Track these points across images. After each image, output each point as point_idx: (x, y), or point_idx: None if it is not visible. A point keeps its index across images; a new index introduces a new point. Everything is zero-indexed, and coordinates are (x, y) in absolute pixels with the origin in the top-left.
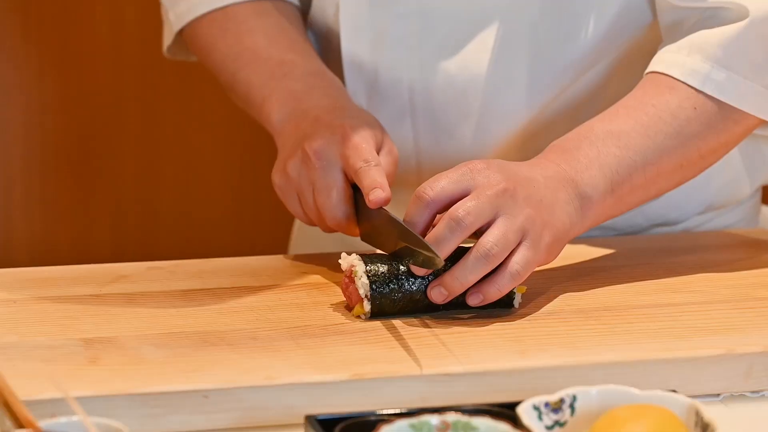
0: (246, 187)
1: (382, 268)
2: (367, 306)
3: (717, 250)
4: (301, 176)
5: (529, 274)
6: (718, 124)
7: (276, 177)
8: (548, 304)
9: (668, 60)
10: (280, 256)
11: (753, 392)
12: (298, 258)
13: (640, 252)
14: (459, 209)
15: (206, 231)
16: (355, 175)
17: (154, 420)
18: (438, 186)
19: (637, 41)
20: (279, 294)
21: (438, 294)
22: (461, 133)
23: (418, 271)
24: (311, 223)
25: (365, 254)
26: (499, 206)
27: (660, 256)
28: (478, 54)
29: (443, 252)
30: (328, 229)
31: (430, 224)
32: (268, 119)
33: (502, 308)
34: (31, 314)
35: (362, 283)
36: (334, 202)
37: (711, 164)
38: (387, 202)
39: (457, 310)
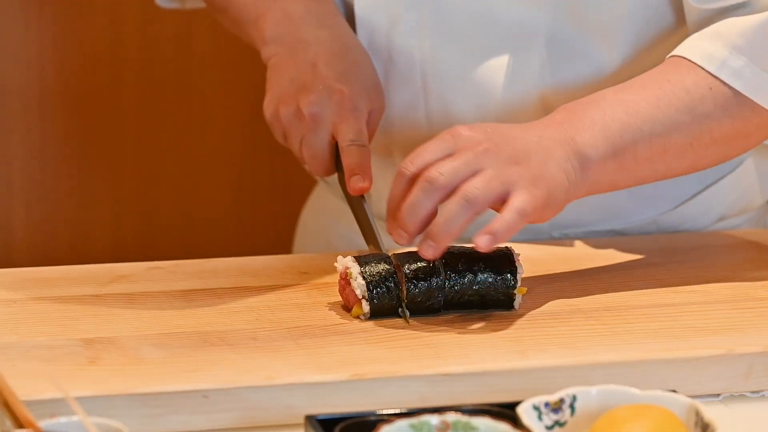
0: (246, 187)
1: (377, 268)
2: (366, 307)
3: (717, 250)
4: (291, 125)
5: (532, 217)
6: (733, 109)
7: (267, 112)
8: (548, 304)
9: (690, 45)
10: (280, 256)
11: (753, 392)
12: (298, 258)
13: (640, 252)
14: (432, 169)
15: (206, 231)
16: (341, 150)
17: (154, 420)
18: (419, 159)
19: (659, 57)
20: (279, 294)
21: (427, 248)
22: (473, 120)
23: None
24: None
25: (360, 255)
26: (480, 164)
27: (660, 256)
28: (489, 46)
29: (418, 216)
30: (308, 168)
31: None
32: (261, 36)
33: (503, 309)
34: (31, 314)
35: (358, 284)
36: (318, 160)
37: (724, 156)
38: (366, 191)
39: (457, 310)
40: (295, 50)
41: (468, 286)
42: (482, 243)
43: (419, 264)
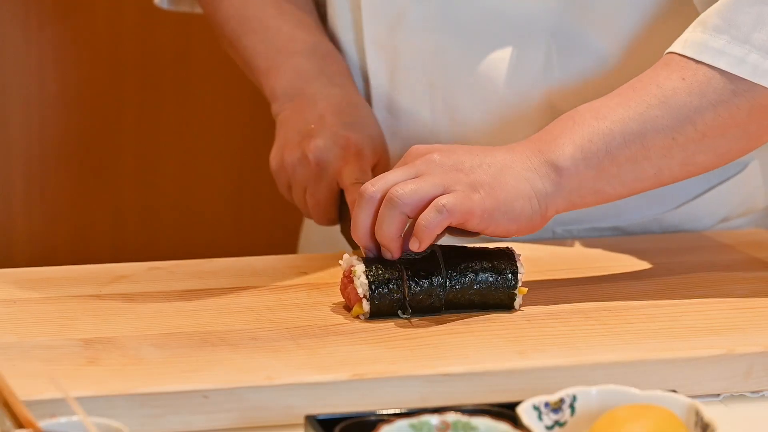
0: (246, 187)
1: (382, 269)
2: (366, 306)
3: (717, 250)
4: (296, 172)
5: (458, 216)
6: (712, 95)
7: (273, 160)
8: (548, 304)
9: (680, 39)
10: (280, 256)
11: (753, 392)
12: (298, 258)
13: (640, 252)
14: (367, 184)
15: (206, 231)
16: (345, 190)
17: (154, 420)
18: (380, 183)
19: (661, 47)
20: (279, 294)
21: (413, 243)
22: (477, 117)
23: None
24: (294, 205)
25: (365, 256)
26: (417, 171)
27: (660, 256)
28: (495, 40)
29: (391, 233)
30: (309, 217)
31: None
32: (272, 90)
33: (503, 309)
34: (31, 314)
35: (361, 283)
36: (322, 208)
37: (725, 152)
38: None
39: (457, 309)
40: (303, 106)
41: (469, 286)
42: (412, 247)
43: (421, 264)
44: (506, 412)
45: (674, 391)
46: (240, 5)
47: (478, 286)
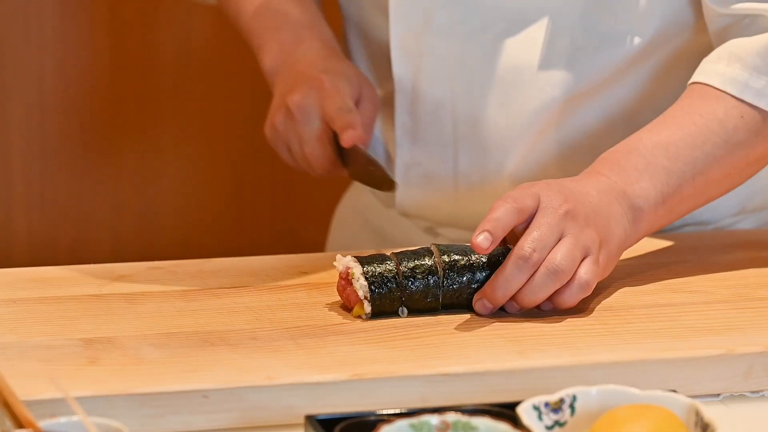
0: (246, 187)
1: (379, 269)
2: (367, 307)
3: (717, 250)
4: (287, 129)
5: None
6: (765, 131)
7: (267, 130)
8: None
9: (709, 70)
10: (280, 256)
11: (753, 392)
12: (298, 258)
13: (640, 252)
14: (524, 248)
15: (206, 231)
16: (332, 121)
17: (154, 420)
18: (520, 197)
19: (681, 47)
20: (279, 294)
21: (510, 307)
22: (497, 122)
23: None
24: (303, 170)
25: (360, 255)
26: (563, 228)
27: (660, 256)
28: (518, 46)
29: (511, 291)
30: (317, 174)
31: (510, 229)
32: (264, 68)
33: (502, 308)
34: (31, 314)
35: (361, 285)
36: (319, 150)
37: (757, 171)
38: (360, 139)
39: (456, 309)
40: (285, 74)
41: (467, 285)
42: (545, 308)
43: (417, 262)
44: (506, 412)
45: (674, 391)
46: None
47: (476, 285)
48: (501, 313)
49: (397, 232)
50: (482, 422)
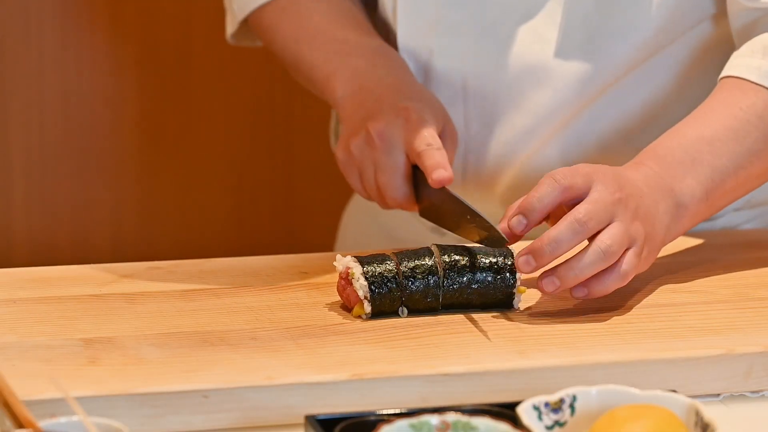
0: (246, 187)
1: (379, 269)
2: (367, 307)
3: (717, 250)
4: (363, 155)
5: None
6: None
7: (339, 153)
8: (548, 304)
9: (743, 64)
10: (280, 256)
11: (753, 392)
12: (298, 258)
13: None
14: (580, 212)
15: (206, 231)
16: (418, 157)
17: (154, 420)
18: (570, 176)
19: (698, 44)
20: (279, 294)
21: (550, 283)
22: (511, 121)
23: (490, 245)
24: (370, 199)
25: (360, 255)
26: (615, 213)
27: (660, 256)
28: (531, 44)
29: (556, 254)
30: (386, 206)
31: (552, 209)
32: (333, 95)
33: (502, 308)
34: (31, 314)
35: (361, 285)
36: (396, 183)
37: None
38: (450, 181)
39: (457, 309)
40: (362, 98)
41: (467, 285)
42: (578, 295)
43: (417, 262)
44: (506, 412)
45: (674, 391)
46: (296, 24)
47: (476, 285)
48: (501, 312)
49: (405, 232)
50: (482, 422)
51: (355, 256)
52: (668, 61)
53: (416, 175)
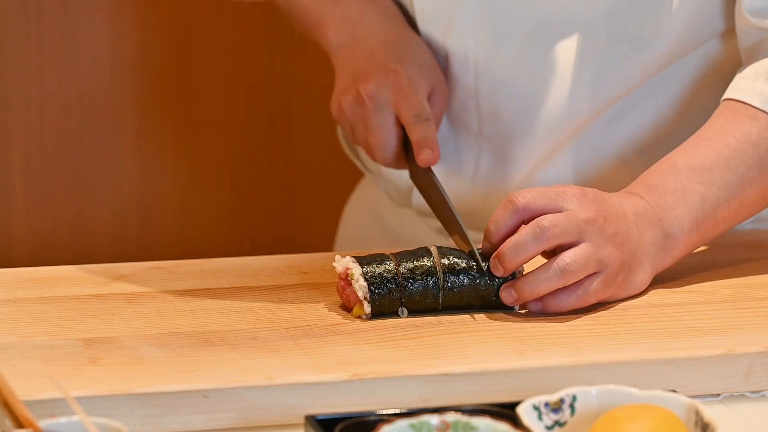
0: (246, 187)
1: (379, 269)
2: (367, 308)
3: (717, 250)
4: (354, 114)
5: (591, 304)
6: None
7: (332, 108)
8: None
9: (745, 87)
10: (280, 256)
11: (753, 392)
12: (298, 258)
13: None
14: (546, 219)
15: (206, 231)
16: (407, 127)
17: (154, 420)
18: (530, 196)
19: (708, 61)
20: (279, 294)
21: (508, 295)
22: (522, 123)
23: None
24: (363, 148)
25: (359, 256)
26: (585, 232)
27: None
28: (544, 52)
29: (519, 259)
30: (380, 164)
31: (514, 231)
32: (325, 42)
33: (503, 309)
34: (31, 314)
35: (360, 286)
36: (385, 142)
37: None
38: (435, 162)
39: (456, 310)
40: (354, 48)
41: (467, 287)
42: (532, 309)
43: (416, 263)
44: (506, 412)
45: (674, 391)
46: None
47: (475, 287)
48: (501, 313)
49: (409, 232)
50: (482, 422)
51: (354, 257)
52: (679, 83)
53: (407, 137)
